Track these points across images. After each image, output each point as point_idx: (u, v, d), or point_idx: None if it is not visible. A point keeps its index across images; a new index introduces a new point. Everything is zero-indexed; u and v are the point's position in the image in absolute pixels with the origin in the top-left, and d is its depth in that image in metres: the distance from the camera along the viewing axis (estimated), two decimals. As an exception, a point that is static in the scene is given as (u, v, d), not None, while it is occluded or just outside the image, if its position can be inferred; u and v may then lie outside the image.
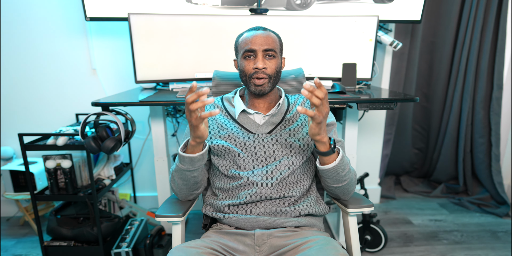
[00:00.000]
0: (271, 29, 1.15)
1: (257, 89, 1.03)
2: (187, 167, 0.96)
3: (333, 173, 0.94)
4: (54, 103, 2.10)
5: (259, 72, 1.01)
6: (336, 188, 1.01)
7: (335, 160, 0.92)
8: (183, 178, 1.00)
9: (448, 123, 2.43)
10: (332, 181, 0.98)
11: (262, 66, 1.00)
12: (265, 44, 1.01)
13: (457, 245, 1.89)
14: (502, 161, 2.44)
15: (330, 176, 0.96)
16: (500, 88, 2.28)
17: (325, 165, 0.93)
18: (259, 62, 1.00)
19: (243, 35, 1.05)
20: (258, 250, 0.93)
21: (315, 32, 1.67)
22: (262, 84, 1.02)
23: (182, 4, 1.78)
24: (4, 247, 1.88)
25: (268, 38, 1.02)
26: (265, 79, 1.02)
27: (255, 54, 1.01)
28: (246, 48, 1.01)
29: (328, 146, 0.90)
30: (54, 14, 1.95)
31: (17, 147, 2.14)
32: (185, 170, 0.97)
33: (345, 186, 1.00)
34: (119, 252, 1.61)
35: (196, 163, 0.95)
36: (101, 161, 1.84)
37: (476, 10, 2.16)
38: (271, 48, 1.01)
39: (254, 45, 1.00)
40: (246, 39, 1.03)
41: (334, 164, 0.92)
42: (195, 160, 0.94)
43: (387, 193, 2.53)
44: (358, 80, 1.74)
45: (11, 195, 1.90)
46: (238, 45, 1.06)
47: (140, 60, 1.59)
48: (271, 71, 1.02)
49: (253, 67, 1.01)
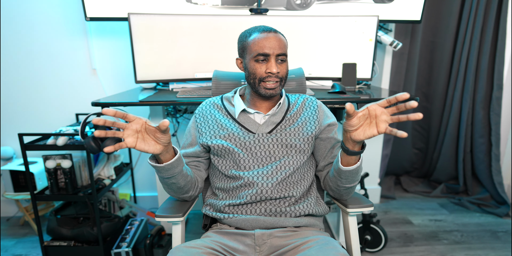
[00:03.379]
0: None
1: (268, 93, 1.02)
2: (160, 175, 0.94)
3: (354, 173, 0.94)
4: (54, 103, 2.10)
5: (273, 77, 1.00)
6: (346, 189, 1.01)
7: (359, 160, 0.92)
8: (164, 183, 0.99)
9: (448, 123, 2.43)
10: (347, 182, 0.98)
11: (276, 70, 0.99)
12: (279, 49, 0.99)
13: (457, 245, 1.89)
14: (502, 161, 2.44)
15: (348, 177, 0.95)
16: (500, 88, 2.28)
17: (350, 166, 0.92)
18: (273, 67, 0.98)
19: (255, 36, 1.00)
20: (258, 250, 0.93)
21: (315, 32, 1.67)
22: (275, 88, 1.01)
23: (182, 4, 1.78)
24: (4, 247, 1.88)
25: (281, 42, 1.00)
26: (277, 83, 1.02)
27: (268, 58, 1.00)
28: (260, 52, 0.98)
29: (360, 146, 0.89)
30: (54, 14, 1.95)
31: (17, 147, 2.14)
32: (162, 177, 0.95)
33: (354, 186, 1.01)
34: (119, 252, 1.61)
35: (166, 172, 0.92)
36: (101, 161, 1.84)
37: (476, 10, 2.16)
38: (283, 52, 1.00)
39: (269, 49, 0.98)
40: (258, 42, 0.99)
41: (358, 165, 0.92)
42: (165, 170, 0.91)
43: (387, 193, 2.53)
44: (358, 80, 1.75)
45: (11, 195, 1.90)
46: (247, 45, 1.01)
47: (140, 60, 1.59)
48: (282, 75, 1.02)
49: (266, 71, 0.99)
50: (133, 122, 0.80)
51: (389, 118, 0.79)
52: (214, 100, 1.14)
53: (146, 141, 0.83)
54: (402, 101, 0.74)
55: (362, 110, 0.81)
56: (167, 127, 0.79)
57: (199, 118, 1.10)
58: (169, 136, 0.85)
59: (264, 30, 1.00)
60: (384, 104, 0.78)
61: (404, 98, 0.73)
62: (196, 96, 1.44)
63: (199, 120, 1.10)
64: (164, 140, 0.84)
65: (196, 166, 1.11)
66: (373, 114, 0.80)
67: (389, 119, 0.79)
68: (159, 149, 0.85)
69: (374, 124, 0.81)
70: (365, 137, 0.82)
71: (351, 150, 0.88)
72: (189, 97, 1.43)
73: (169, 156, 0.90)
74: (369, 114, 0.81)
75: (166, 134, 0.83)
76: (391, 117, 0.79)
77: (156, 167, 0.91)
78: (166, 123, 0.78)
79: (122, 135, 0.80)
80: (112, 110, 0.75)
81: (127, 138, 0.80)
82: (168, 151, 0.88)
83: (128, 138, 0.80)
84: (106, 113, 0.75)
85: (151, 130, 0.82)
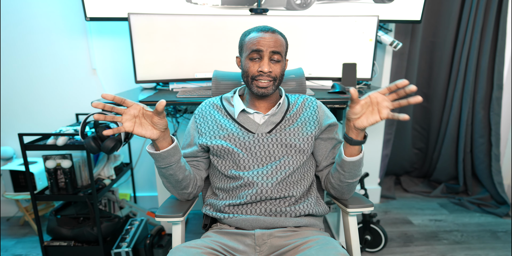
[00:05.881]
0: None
1: (260, 91, 1.02)
2: (158, 164, 0.95)
3: (356, 165, 0.95)
4: (54, 103, 2.10)
5: (264, 76, 1.00)
6: (348, 185, 1.02)
7: (361, 151, 0.94)
8: (162, 175, 0.99)
9: (448, 123, 2.43)
10: (349, 176, 0.98)
11: (268, 70, 0.99)
12: (273, 47, 0.99)
13: (457, 245, 1.89)
14: (502, 161, 2.44)
15: (351, 169, 0.96)
16: (500, 88, 2.28)
17: (353, 157, 0.93)
18: (264, 65, 0.99)
19: (251, 34, 1.02)
20: (258, 250, 0.93)
21: (315, 32, 1.67)
22: (267, 87, 1.01)
23: (182, 4, 1.78)
24: (4, 247, 1.88)
25: (276, 41, 1.00)
26: (270, 82, 1.01)
27: (261, 56, 1.00)
28: (253, 49, 0.99)
29: (363, 135, 0.91)
30: (54, 14, 1.95)
31: (17, 147, 2.14)
32: (159, 167, 0.96)
33: (355, 182, 1.02)
34: (119, 252, 1.61)
35: (163, 161, 0.93)
36: (101, 161, 1.84)
37: (476, 10, 2.16)
38: (278, 51, 1.00)
39: (261, 47, 0.98)
40: (253, 39, 1.00)
41: (361, 155, 0.93)
42: (161, 157, 0.92)
43: (387, 193, 2.53)
44: (358, 80, 1.75)
45: (11, 195, 1.90)
46: (244, 43, 1.03)
47: (140, 60, 1.59)
48: (276, 74, 1.02)
49: (258, 70, 1.00)
50: (131, 107, 0.83)
51: (390, 104, 0.82)
52: (214, 101, 1.14)
53: (143, 126, 0.86)
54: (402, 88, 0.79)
55: (364, 98, 0.84)
56: (163, 107, 0.81)
57: (199, 119, 1.10)
58: (166, 121, 0.87)
59: (262, 29, 1.01)
60: (385, 92, 0.82)
61: (404, 85, 0.77)
62: (196, 96, 1.44)
63: (198, 121, 1.10)
64: (161, 125, 0.86)
65: (195, 166, 1.11)
66: (374, 101, 0.83)
67: (390, 105, 0.82)
68: (156, 134, 0.87)
69: (376, 111, 0.84)
70: (368, 123, 0.85)
71: (355, 140, 0.90)
72: (189, 97, 1.43)
73: (166, 144, 0.92)
74: (371, 102, 0.84)
75: (163, 119, 0.85)
76: (392, 103, 0.82)
77: (153, 155, 0.92)
78: (163, 103, 0.81)
79: (120, 119, 0.83)
80: (110, 95, 0.79)
81: (125, 122, 0.83)
82: (165, 138, 0.90)
83: (126, 123, 0.84)
84: (105, 98, 0.78)
85: (149, 115, 0.84)
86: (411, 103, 0.77)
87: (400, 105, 0.80)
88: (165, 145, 0.91)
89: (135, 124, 0.84)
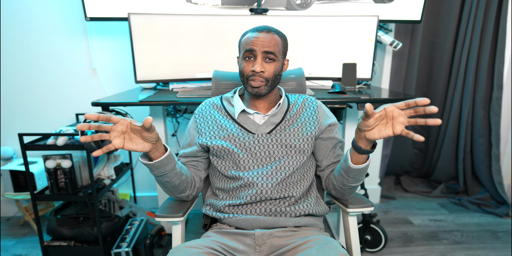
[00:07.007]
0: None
1: (254, 91, 1.02)
2: (153, 173, 0.94)
3: (362, 172, 0.95)
4: (54, 103, 2.10)
5: (256, 76, 1.00)
6: (350, 188, 1.02)
7: (368, 159, 0.93)
8: (158, 182, 0.99)
9: (448, 123, 2.43)
10: (353, 181, 0.98)
11: (260, 69, 0.98)
12: (266, 47, 0.98)
13: (457, 245, 1.89)
14: (502, 161, 2.44)
15: (356, 176, 0.96)
16: (500, 88, 2.28)
17: (360, 165, 0.92)
18: (257, 65, 0.99)
19: (247, 34, 1.03)
20: (258, 250, 0.93)
21: (315, 32, 1.67)
22: (259, 87, 1.01)
23: (182, 4, 1.78)
24: (4, 247, 1.88)
25: (271, 40, 0.99)
26: (262, 82, 1.01)
27: (255, 56, 1.00)
28: (246, 48, 1.00)
29: (372, 145, 0.90)
30: (54, 14, 1.95)
31: (17, 147, 2.14)
32: (154, 175, 0.95)
33: (358, 185, 1.02)
34: (119, 252, 1.61)
35: (157, 170, 0.92)
36: (101, 161, 1.84)
37: (476, 10, 2.16)
38: (271, 51, 0.99)
39: (254, 46, 0.98)
40: (247, 39, 1.01)
41: (368, 163, 0.93)
42: (155, 167, 0.91)
43: (387, 193, 2.53)
44: (358, 80, 1.74)
45: (11, 195, 1.90)
46: (241, 43, 1.04)
47: (140, 60, 1.59)
48: (268, 75, 1.01)
49: (251, 70, 1.00)
50: (118, 124, 0.81)
51: (406, 120, 0.78)
52: (214, 101, 1.14)
53: (133, 140, 0.84)
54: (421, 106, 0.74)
55: (379, 111, 0.80)
56: (150, 124, 0.79)
57: (199, 119, 1.10)
58: (156, 134, 0.85)
59: (257, 29, 1.01)
60: (402, 107, 0.77)
61: (424, 103, 0.72)
62: (196, 96, 1.44)
63: (198, 121, 1.10)
64: (152, 139, 0.84)
65: (194, 166, 1.11)
66: (390, 115, 0.80)
67: (406, 121, 0.78)
68: (148, 147, 0.85)
69: (390, 125, 0.81)
70: (380, 137, 0.82)
71: (363, 149, 0.88)
72: (189, 97, 1.43)
73: (159, 154, 0.90)
74: (386, 115, 0.80)
75: (152, 132, 0.83)
76: (408, 119, 0.78)
77: (147, 165, 0.91)
78: (149, 120, 0.78)
79: (109, 137, 0.80)
80: (94, 114, 0.76)
81: (113, 139, 0.81)
82: (158, 149, 0.89)
83: (115, 140, 0.81)
84: (88, 118, 0.76)
85: (137, 130, 0.82)
86: (429, 124, 0.72)
87: (416, 123, 0.75)
88: (158, 155, 0.90)
89: (124, 140, 0.82)
